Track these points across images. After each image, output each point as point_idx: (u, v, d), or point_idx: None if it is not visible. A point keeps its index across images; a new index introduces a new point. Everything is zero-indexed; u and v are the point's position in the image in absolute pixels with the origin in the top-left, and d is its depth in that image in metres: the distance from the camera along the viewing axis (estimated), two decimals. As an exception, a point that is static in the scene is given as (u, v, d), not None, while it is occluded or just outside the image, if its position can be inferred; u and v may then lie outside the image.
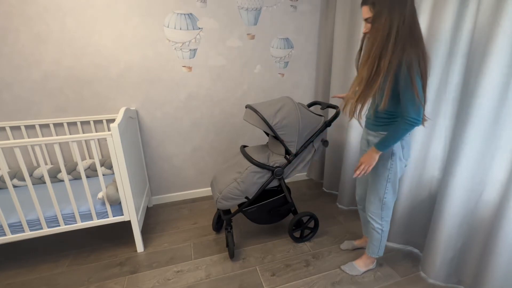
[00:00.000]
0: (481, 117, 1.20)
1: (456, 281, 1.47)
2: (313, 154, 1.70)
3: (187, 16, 2.03)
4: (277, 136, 1.57)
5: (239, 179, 1.60)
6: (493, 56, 1.12)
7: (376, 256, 1.56)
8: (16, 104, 1.85)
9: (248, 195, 1.63)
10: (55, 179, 1.90)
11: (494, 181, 1.25)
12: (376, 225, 1.47)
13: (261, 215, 1.76)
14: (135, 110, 2.10)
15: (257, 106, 1.60)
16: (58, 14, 1.78)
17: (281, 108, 1.57)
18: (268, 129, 1.54)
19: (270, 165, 1.62)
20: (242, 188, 1.59)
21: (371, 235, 1.51)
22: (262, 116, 1.53)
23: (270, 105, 1.61)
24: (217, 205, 1.63)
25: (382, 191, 1.38)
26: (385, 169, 1.33)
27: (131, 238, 1.77)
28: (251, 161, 1.62)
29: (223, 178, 1.68)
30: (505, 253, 1.21)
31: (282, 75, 2.46)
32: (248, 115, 1.61)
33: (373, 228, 1.48)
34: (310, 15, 2.37)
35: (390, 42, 1.09)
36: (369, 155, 1.29)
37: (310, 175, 2.90)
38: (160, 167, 2.33)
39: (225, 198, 1.60)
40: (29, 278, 1.57)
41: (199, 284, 1.52)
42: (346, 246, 1.80)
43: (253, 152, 1.74)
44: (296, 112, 1.58)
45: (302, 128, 1.60)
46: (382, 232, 1.48)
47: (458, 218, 1.36)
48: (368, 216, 1.48)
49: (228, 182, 1.62)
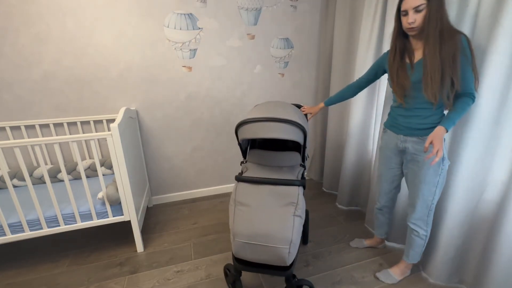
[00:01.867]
0: (482, 117, 1.20)
1: (457, 280, 1.47)
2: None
3: (187, 16, 2.03)
4: (305, 144, 1.34)
5: (297, 210, 1.21)
6: (493, 56, 1.13)
7: (415, 262, 1.51)
8: (16, 104, 1.86)
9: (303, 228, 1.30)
10: (55, 179, 1.90)
11: (495, 180, 1.25)
12: (421, 232, 1.39)
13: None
14: (135, 110, 2.10)
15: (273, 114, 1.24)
16: (58, 14, 1.78)
17: (296, 112, 1.33)
18: (302, 139, 1.27)
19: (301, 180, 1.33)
20: (303, 219, 1.24)
21: (413, 242, 1.44)
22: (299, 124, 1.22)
23: (284, 110, 1.29)
24: (289, 261, 1.16)
25: (430, 198, 1.31)
26: (436, 175, 1.26)
27: (131, 238, 1.77)
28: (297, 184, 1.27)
29: (274, 225, 1.18)
30: (506, 253, 1.21)
31: (282, 75, 2.46)
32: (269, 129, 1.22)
33: (417, 235, 1.41)
34: (310, 15, 2.37)
35: (445, 26, 1.11)
36: (440, 137, 1.12)
37: (310, 175, 2.89)
38: (160, 167, 2.33)
39: (296, 244, 1.18)
40: (29, 278, 1.57)
41: (199, 284, 1.52)
42: (356, 244, 1.80)
43: (272, 175, 1.36)
44: (301, 112, 1.44)
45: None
46: (426, 238, 1.41)
47: (459, 217, 1.36)
48: (412, 224, 1.40)
49: (289, 223, 1.18)
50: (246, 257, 1.21)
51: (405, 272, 1.55)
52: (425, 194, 1.31)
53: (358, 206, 2.24)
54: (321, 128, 2.61)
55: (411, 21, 1.13)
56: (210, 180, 2.52)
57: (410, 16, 1.13)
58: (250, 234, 1.19)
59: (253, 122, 1.25)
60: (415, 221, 1.39)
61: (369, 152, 2.07)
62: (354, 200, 2.24)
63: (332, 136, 2.39)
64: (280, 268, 1.22)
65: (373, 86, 1.90)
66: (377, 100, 1.92)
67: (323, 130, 2.60)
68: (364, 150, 2.08)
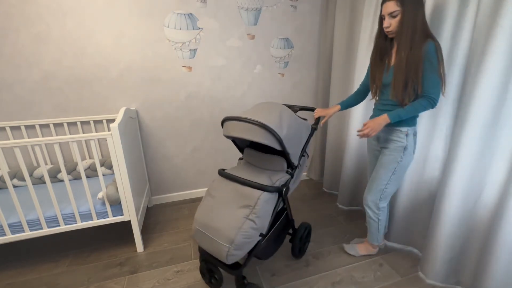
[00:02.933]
0: (480, 117, 1.20)
1: (454, 281, 1.47)
2: (305, 162, 1.52)
3: (187, 16, 2.03)
4: (285, 150, 1.27)
5: (252, 215, 1.20)
6: (492, 56, 1.12)
7: (376, 244, 1.65)
8: (16, 104, 1.86)
9: (262, 231, 1.26)
10: (55, 179, 1.90)
11: (493, 181, 1.25)
12: (372, 215, 1.55)
13: (270, 247, 1.45)
14: (135, 110, 2.10)
15: (251, 115, 1.25)
16: (58, 14, 1.78)
17: (282, 116, 1.28)
18: (277, 145, 1.23)
19: (276, 186, 1.32)
20: (259, 225, 1.21)
21: (369, 224, 1.61)
22: (270, 129, 1.19)
23: (269, 113, 1.28)
24: (228, 260, 1.19)
25: (384, 182, 1.44)
26: (395, 162, 1.39)
27: (131, 238, 1.77)
28: (261, 188, 1.24)
29: (224, 221, 1.22)
30: (504, 254, 1.21)
31: (282, 75, 2.46)
32: (240, 129, 1.25)
33: (369, 217, 1.57)
34: (310, 15, 2.37)
35: (417, 33, 1.20)
36: (377, 121, 1.31)
37: (310, 175, 2.90)
38: (160, 167, 2.33)
39: (240, 246, 1.18)
40: (29, 278, 1.57)
41: (199, 284, 1.52)
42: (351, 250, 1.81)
43: (247, 175, 1.37)
44: (296, 119, 1.36)
45: (300, 137, 1.39)
46: (379, 221, 1.55)
47: (457, 218, 1.36)
48: (365, 205, 1.54)
49: (238, 224, 1.19)
50: (200, 243, 1.30)
51: (369, 250, 1.69)
52: (381, 178, 1.45)
53: (359, 206, 2.24)
54: (322, 128, 2.61)
55: (387, 26, 1.26)
56: (210, 180, 2.52)
57: (386, 20, 1.27)
58: (204, 223, 1.27)
59: (230, 120, 1.30)
60: (367, 202, 1.53)
61: (369, 152, 2.06)
62: (355, 200, 2.25)
63: (333, 136, 2.39)
64: (230, 266, 1.29)
65: (373, 86, 1.90)
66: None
67: (323, 130, 2.61)
68: (364, 150, 2.08)
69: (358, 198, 2.22)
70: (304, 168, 1.58)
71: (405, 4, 1.19)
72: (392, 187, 1.46)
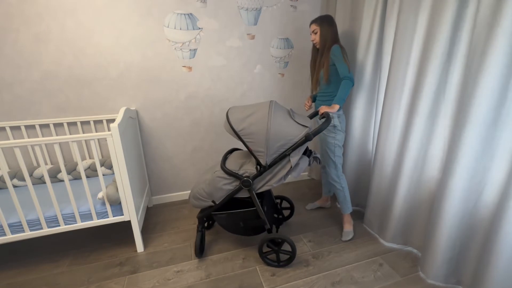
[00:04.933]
0: (480, 117, 1.20)
1: (455, 281, 1.47)
2: (288, 171, 1.46)
3: (187, 16, 2.03)
4: (244, 144, 1.47)
5: (207, 181, 1.58)
6: (492, 56, 1.13)
7: (349, 212, 1.92)
8: (16, 104, 1.86)
9: (214, 199, 1.58)
10: (55, 179, 1.90)
11: (493, 181, 1.25)
12: (337, 185, 1.87)
13: (230, 223, 1.67)
14: (135, 110, 2.10)
15: (231, 111, 1.52)
16: (58, 14, 1.78)
17: (252, 114, 1.46)
18: (235, 135, 1.47)
19: (239, 174, 1.51)
20: (207, 191, 1.58)
21: (338, 197, 1.91)
22: (229, 121, 1.47)
23: (244, 110, 1.51)
24: (189, 202, 1.69)
25: (332, 155, 1.83)
26: (332, 138, 1.80)
27: (131, 238, 1.77)
28: (221, 166, 1.57)
29: (201, 177, 1.71)
30: (504, 253, 1.21)
31: (282, 75, 2.46)
32: (225, 126, 1.54)
33: (336, 188, 1.88)
34: (310, 15, 2.37)
35: (328, 42, 1.74)
36: (331, 107, 1.66)
37: (311, 175, 2.90)
38: (160, 167, 2.33)
39: (194, 197, 1.64)
40: (29, 278, 1.57)
41: (199, 284, 1.52)
42: (310, 207, 2.28)
43: (233, 157, 1.70)
44: (267, 120, 1.40)
45: (273, 138, 1.40)
46: (343, 189, 1.87)
47: (457, 218, 1.36)
48: (331, 180, 1.88)
49: (201, 182, 1.65)
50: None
51: (350, 222, 1.95)
52: (329, 154, 1.83)
53: (358, 206, 2.24)
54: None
55: (312, 39, 1.82)
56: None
57: (312, 36, 1.81)
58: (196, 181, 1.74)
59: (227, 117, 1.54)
60: (332, 176, 1.87)
61: (369, 152, 2.07)
62: (354, 200, 2.24)
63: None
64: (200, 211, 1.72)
65: (373, 86, 1.91)
66: (377, 100, 1.92)
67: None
68: (364, 150, 2.08)
69: (358, 198, 2.21)
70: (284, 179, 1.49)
71: (321, 25, 1.74)
72: (339, 159, 1.84)
